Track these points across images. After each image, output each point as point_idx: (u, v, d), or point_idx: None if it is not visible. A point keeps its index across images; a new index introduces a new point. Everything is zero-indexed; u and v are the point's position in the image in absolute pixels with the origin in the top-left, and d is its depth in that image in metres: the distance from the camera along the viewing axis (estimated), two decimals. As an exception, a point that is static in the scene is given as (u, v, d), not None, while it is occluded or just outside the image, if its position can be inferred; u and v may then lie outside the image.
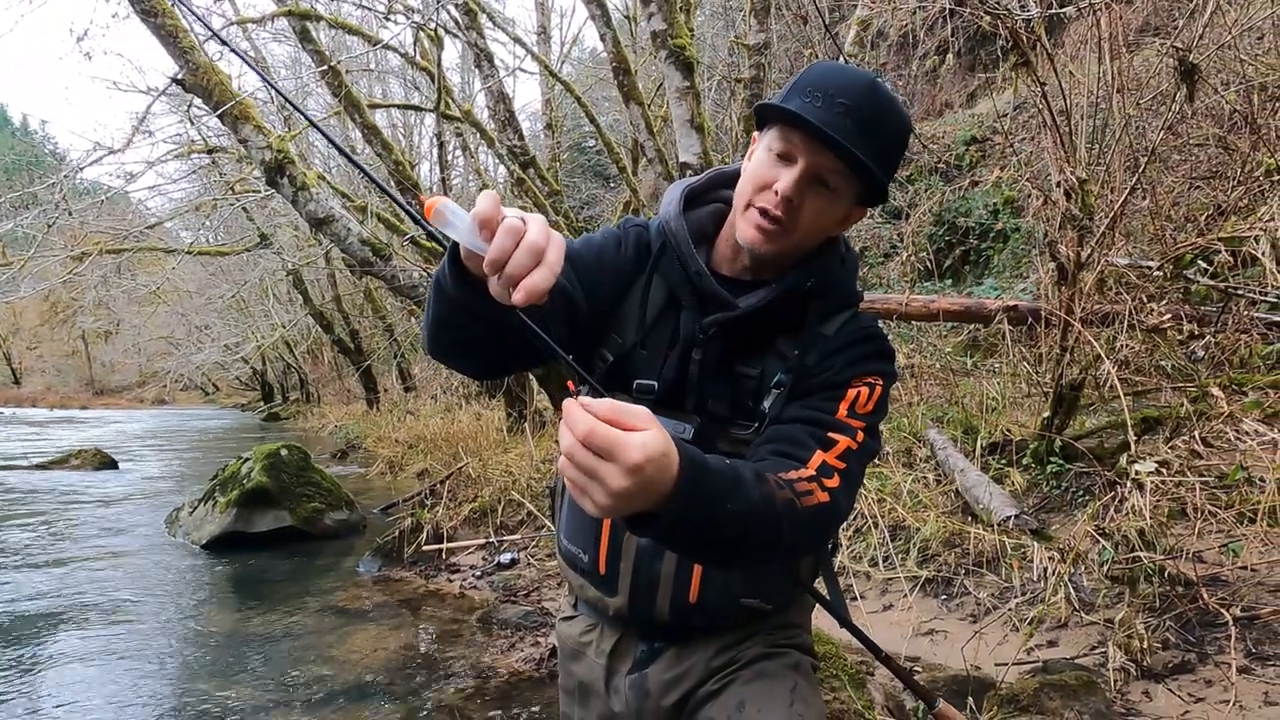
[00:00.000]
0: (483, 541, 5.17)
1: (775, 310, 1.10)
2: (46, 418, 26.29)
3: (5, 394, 38.28)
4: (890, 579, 3.63)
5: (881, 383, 1.10)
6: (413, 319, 15.50)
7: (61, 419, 25.58)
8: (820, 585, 1.27)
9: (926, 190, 9.21)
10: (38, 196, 9.90)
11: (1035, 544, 3.30)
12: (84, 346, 39.06)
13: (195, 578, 5.20)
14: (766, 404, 1.09)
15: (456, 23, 8.19)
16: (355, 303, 18.01)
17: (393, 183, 10.62)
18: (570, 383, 0.73)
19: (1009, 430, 4.52)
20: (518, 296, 0.74)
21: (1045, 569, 3.11)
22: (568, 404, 0.70)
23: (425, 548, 5.14)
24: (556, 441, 6.08)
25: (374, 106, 11.32)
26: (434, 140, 12.57)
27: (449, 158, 12.86)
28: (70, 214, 10.09)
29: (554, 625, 3.69)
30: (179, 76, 5.84)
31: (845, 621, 1.20)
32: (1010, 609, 3.09)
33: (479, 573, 4.76)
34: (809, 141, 1.00)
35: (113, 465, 10.74)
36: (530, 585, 4.40)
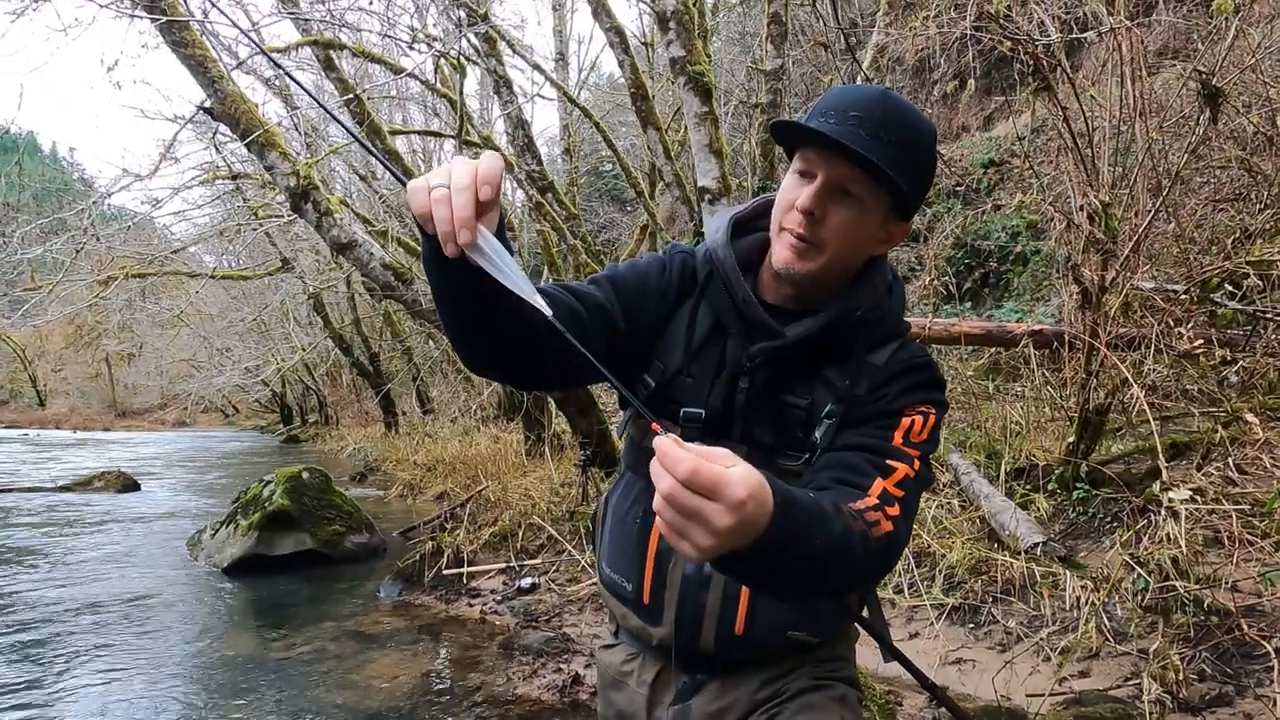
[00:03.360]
0: (503, 566, 5.16)
1: (822, 339, 1.10)
2: (70, 439, 26.56)
3: (30, 416, 38.76)
4: (916, 606, 3.58)
5: (934, 411, 1.09)
6: (430, 342, 15.61)
7: (85, 441, 25.84)
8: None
9: (947, 213, 9.21)
10: (66, 222, 10.09)
11: (1065, 572, 3.25)
12: (107, 369, 39.52)
13: (217, 601, 5.21)
14: (818, 434, 1.08)
15: (476, 50, 8.31)
16: (374, 325, 18.15)
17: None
18: (655, 424, 0.73)
19: (1033, 455, 4.47)
20: (448, 249, 0.79)
21: (1076, 597, 3.06)
22: (663, 443, 0.69)
23: (446, 571, 5.14)
24: (576, 465, 6.09)
25: (395, 133, 11.47)
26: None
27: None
28: (98, 239, 10.28)
29: (576, 652, 3.68)
30: (207, 105, 5.97)
31: (894, 651, 1.18)
32: (1041, 638, 3.04)
33: (499, 597, 4.74)
34: (823, 154, 1.02)
35: (135, 487, 10.83)
36: (551, 611, 4.38)
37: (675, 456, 0.68)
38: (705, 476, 0.67)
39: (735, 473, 0.68)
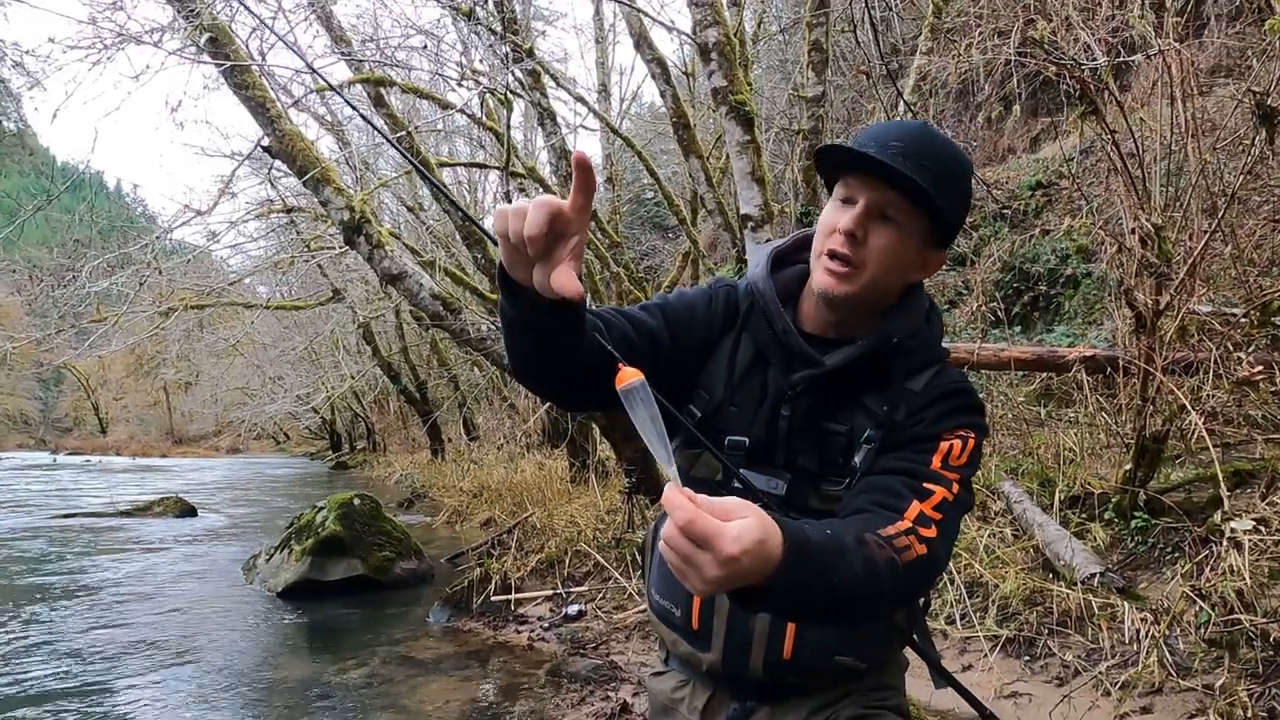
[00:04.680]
0: (550, 593, 5.19)
1: (861, 367, 1.12)
2: (129, 466, 27.44)
3: (92, 443, 40.18)
4: (969, 638, 3.52)
5: (974, 435, 1.10)
6: (476, 370, 15.82)
7: (143, 467, 26.67)
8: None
9: (994, 236, 9.09)
10: (131, 256, 10.52)
11: (1124, 603, 3.16)
12: (165, 397, 40.81)
13: (271, 624, 5.33)
14: (857, 459, 1.11)
15: (521, 83, 8.51)
16: (421, 354, 18.46)
17: (459, 236, 10.97)
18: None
19: (1088, 483, 4.37)
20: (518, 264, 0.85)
21: (1137, 630, 2.98)
22: (669, 491, 0.74)
23: (494, 598, 5.18)
24: (621, 492, 6.10)
25: (443, 165, 11.76)
26: (496, 198, 12.98)
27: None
28: (160, 272, 10.70)
29: (624, 680, 3.68)
30: (266, 143, 6.21)
31: (946, 676, 1.18)
32: (1100, 672, 2.96)
33: (547, 624, 4.76)
34: (865, 180, 1.07)
35: (192, 513, 11.12)
36: (599, 638, 4.39)
37: (675, 505, 0.72)
38: (699, 529, 0.71)
39: (731, 528, 0.72)
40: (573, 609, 4.84)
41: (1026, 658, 3.30)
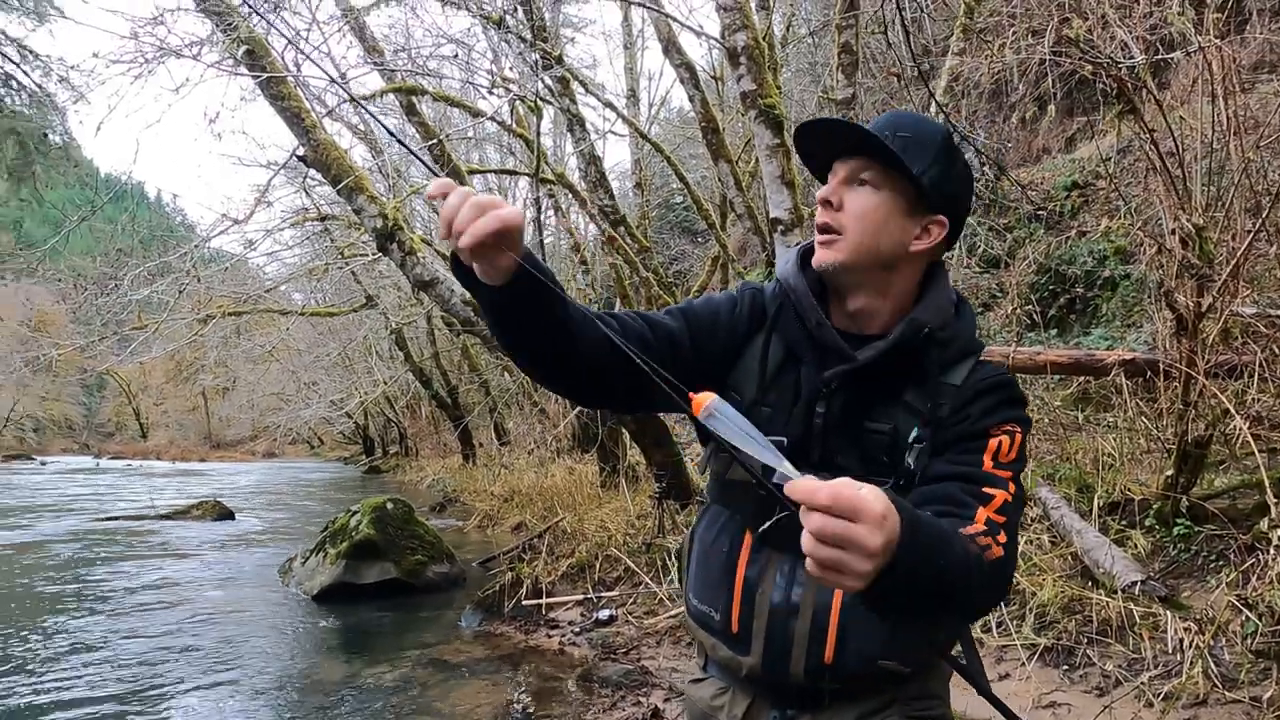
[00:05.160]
0: (581, 597, 5.20)
1: (894, 360, 1.11)
2: (169, 469, 28.00)
3: (134, 448, 41.09)
4: (1005, 646, 3.46)
5: (1020, 430, 1.09)
6: (506, 375, 15.92)
7: (182, 471, 27.20)
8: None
9: (1029, 238, 8.95)
10: (171, 265, 10.76)
11: (1167, 613, 3.09)
12: (204, 403, 41.59)
13: (307, 627, 5.41)
14: (910, 460, 1.09)
15: (550, 90, 8.57)
16: (452, 359, 18.62)
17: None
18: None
19: (1128, 489, 4.28)
20: (462, 241, 0.87)
21: (1180, 640, 2.91)
22: (797, 481, 0.73)
23: (525, 602, 5.21)
24: (651, 497, 6.10)
25: (473, 172, 11.88)
26: (527, 203, 13.08)
27: (542, 218, 13.33)
28: (198, 280, 10.93)
29: (655, 685, 3.68)
30: (301, 152, 6.32)
31: (985, 691, 1.15)
32: (1143, 683, 2.89)
33: (578, 629, 4.78)
34: (842, 160, 1.13)
35: (230, 516, 11.33)
36: (629, 643, 4.39)
37: (812, 486, 0.71)
38: (846, 497, 0.70)
39: (867, 490, 0.72)
40: (603, 614, 4.84)
41: (1065, 667, 3.24)
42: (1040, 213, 8.99)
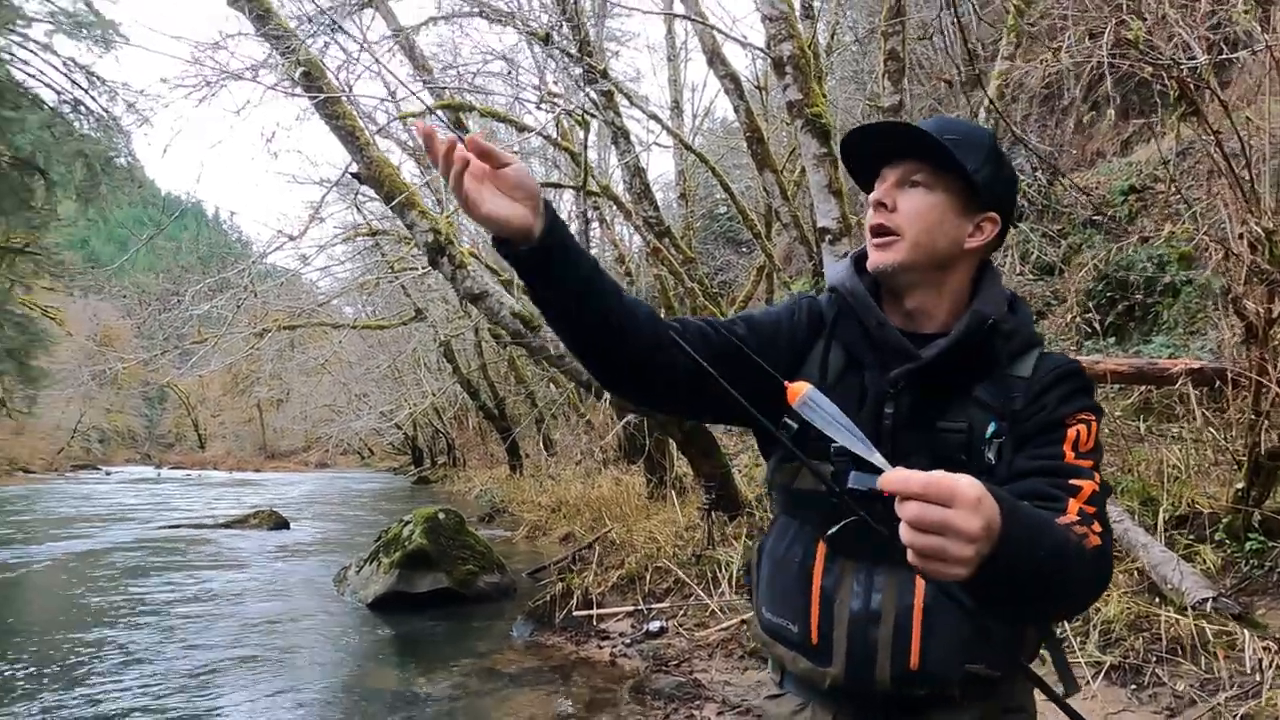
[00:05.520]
0: (631, 609, 5.20)
1: (961, 356, 1.10)
2: (226, 479, 28.78)
3: (192, 458, 42.34)
4: (1069, 663, 3.36)
5: (1095, 418, 1.09)
6: (552, 386, 16.04)
7: (239, 480, 27.94)
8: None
9: (1084, 244, 8.74)
10: (230, 280, 11.11)
11: (1242, 631, 2.98)
12: (259, 414, 42.70)
13: (361, 636, 5.50)
14: (990, 455, 1.07)
15: (594, 104, 8.65)
16: (499, 371, 18.82)
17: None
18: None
19: (1196, 502, 4.14)
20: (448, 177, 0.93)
21: (1259, 660, 2.80)
22: (890, 473, 0.73)
23: (576, 613, 5.23)
24: (699, 509, 6.08)
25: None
26: (572, 216, 13.21)
27: (589, 231, 13.42)
28: (255, 295, 11.25)
29: (708, 699, 3.66)
30: (354, 170, 6.48)
31: (1062, 704, 1.12)
32: (1219, 704, 2.79)
33: (628, 640, 4.77)
34: (890, 164, 1.14)
35: (285, 525, 11.59)
36: (681, 655, 4.37)
37: (904, 476, 0.72)
38: (939, 484, 0.71)
39: (961, 477, 0.72)
40: (654, 625, 4.84)
41: (1133, 686, 3.14)
42: (1096, 218, 8.77)
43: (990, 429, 1.08)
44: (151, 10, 14.35)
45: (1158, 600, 3.50)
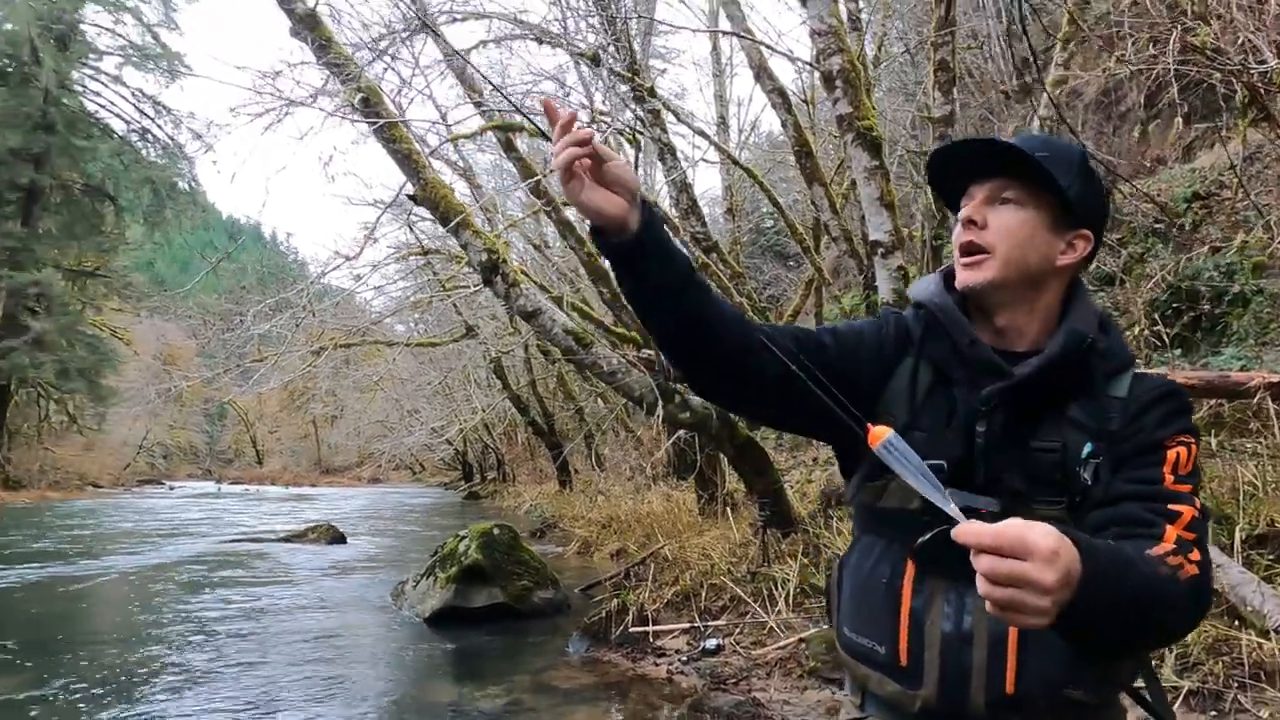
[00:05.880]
0: (687, 625, 5.18)
1: (1055, 375, 1.08)
2: (283, 494, 29.50)
3: (251, 473, 43.60)
4: (1143, 688, 3.25)
5: (1194, 442, 1.06)
6: (600, 401, 16.12)
7: (295, 495, 28.62)
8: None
9: (1146, 254, 8.50)
10: (289, 300, 11.44)
11: (1331, 657, 2.85)
12: (314, 430, 43.72)
13: (418, 650, 5.56)
14: (1085, 476, 1.05)
15: (641, 120, 8.73)
16: (549, 387, 18.99)
17: (584, 271, 11.28)
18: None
19: (1275, 521, 3.98)
20: (556, 162, 0.98)
21: (1350, 688, 2.68)
22: (963, 526, 0.74)
23: (632, 629, 5.22)
24: (752, 525, 6.04)
25: (568, 204, 12.17)
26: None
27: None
28: (313, 314, 11.57)
29: (768, 719, 3.62)
30: (409, 192, 6.64)
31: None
32: (1307, 733, 2.68)
33: (685, 658, 4.75)
34: (979, 182, 1.14)
35: (342, 539, 11.83)
36: (739, 674, 4.34)
37: (975, 530, 0.72)
38: (1009, 538, 0.70)
39: (1036, 528, 0.72)
40: (711, 643, 4.81)
41: (1214, 712, 3.02)
42: (1159, 226, 8.53)
43: (1086, 449, 1.06)
44: (215, 41, 14.97)
45: (1237, 623, 3.37)
